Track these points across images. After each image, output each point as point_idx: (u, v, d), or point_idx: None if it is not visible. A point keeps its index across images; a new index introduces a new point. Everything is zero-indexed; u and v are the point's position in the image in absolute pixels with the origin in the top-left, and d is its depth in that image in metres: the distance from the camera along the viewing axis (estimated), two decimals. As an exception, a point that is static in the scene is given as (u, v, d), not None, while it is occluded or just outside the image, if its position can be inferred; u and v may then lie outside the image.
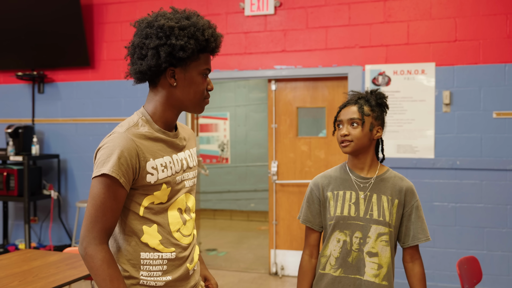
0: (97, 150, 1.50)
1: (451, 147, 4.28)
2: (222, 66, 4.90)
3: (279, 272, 4.88)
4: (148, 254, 1.51)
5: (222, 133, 7.97)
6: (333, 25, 4.58)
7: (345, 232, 1.90)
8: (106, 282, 1.41)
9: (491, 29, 4.19)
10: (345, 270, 1.90)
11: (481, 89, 4.23)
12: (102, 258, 1.42)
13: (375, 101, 1.92)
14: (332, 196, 1.94)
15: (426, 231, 1.91)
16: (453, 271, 4.23)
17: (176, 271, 1.55)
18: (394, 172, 1.98)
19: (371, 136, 1.91)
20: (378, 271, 1.87)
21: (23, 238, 5.42)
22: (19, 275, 2.54)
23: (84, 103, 5.34)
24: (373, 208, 1.88)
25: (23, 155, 5.01)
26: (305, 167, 4.84)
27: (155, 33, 1.46)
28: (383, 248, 1.87)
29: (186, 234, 1.59)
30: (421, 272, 1.93)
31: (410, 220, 1.91)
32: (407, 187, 1.93)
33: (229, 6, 4.86)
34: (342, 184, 1.94)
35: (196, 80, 1.53)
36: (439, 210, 4.31)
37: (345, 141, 1.89)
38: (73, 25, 5.11)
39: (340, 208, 1.91)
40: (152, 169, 1.49)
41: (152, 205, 1.51)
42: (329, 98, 4.78)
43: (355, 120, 1.88)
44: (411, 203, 1.92)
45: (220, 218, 8.03)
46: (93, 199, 1.43)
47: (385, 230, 1.87)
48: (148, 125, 1.53)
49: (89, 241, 1.42)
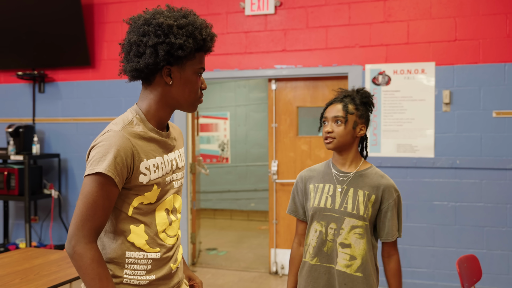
0: (91, 148, 1.48)
1: (451, 146, 4.29)
2: (223, 65, 4.91)
3: (279, 271, 4.88)
4: (134, 253, 1.50)
5: (222, 133, 7.98)
6: (333, 25, 4.59)
7: (321, 223, 2.00)
8: (95, 281, 1.39)
9: (491, 28, 4.20)
10: (320, 259, 1.99)
11: (481, 88, 4.24)
12: (91, 257, 1.39)
13: (360, 100, 2.01)
14: (313, 188, 2.05)
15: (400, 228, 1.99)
16: (453, 270, 4.24)
17: (160, 271, 1.55)
18: (377, 169, 2.05)
19: (354, 133, 2.00)
20: (351, 262, 1.94)
21: (24, 237, 5.43)
22: (21, 273, 2.55)
23: (85, 103, 5.35)
24: (348, 201, 1.96)
25: (23, 155, 5.01)
26: (305, 166, 4.85)
27: (153, 31, 1.44)
28: (356, 240, 1.94)
29: (171, 235, 1.59)
30: (395, 268, 1.99)
31: (386, 217, 1.97)
32: (386, 185, 1.98)
33: (229, 5, 4.87)
34: (323, 178, 2.04)
35: (192, 79, 1.53)
36: (439, 209, 4.32)
37: (329, 137, 1.98)
38: (74, 25, 5.12)
39: (318, 200, 2.01)
40: (145, 169, 1.48)
41: (141, 205, 1.50)
42: (329, 98, 4.77)
43: (339, 118, 1.98)
44: (388, 200, 1.97)
45: (220, 218, 8.04)
46: (85, 197, 1.41)
47: (359, 223, 1.94)
48: (142, 124, 1.52)
49: (78, 240, 1.40)
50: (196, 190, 5.45)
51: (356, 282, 1.94)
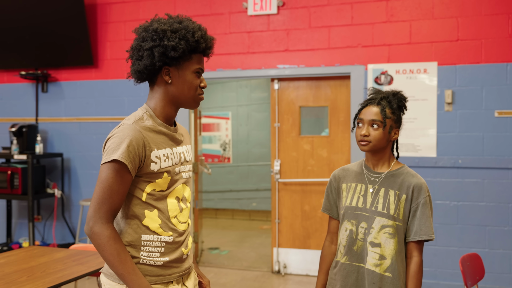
0: (107, 139, 1.64)
1: (453, 145, 4.31)
2: (225, 65, 4.93)
3: (281, 270, 4.90)
4: (149, 236, 1.65)
5: (224, 133, 8.00)
6: (336, 25, 4.60)
7: (352, 222, 1.99)
8: (114, 256, 1.55)
9: (493, 28, 4.21)
10: (350, 257, 1.99)
11: (483, 88, 4.25)
12: (108, 234, 1.55)
13: (396, 104, 1.98)
14: (346, 187, 2.06)
15: (429, 229, 1.91)
16: (455, 269, 4.26)
17: (173, 254, 1.69)
18: (409, 169, 2.04)
19: (389, 137, 1.98)
20: (380, 261, 1.93)
21: (27, 236, 5.45)
22: (27, 270, 2.56)
23: (88, 102, 5.37)
24: (378, 201, 1.96)
25: (27, 154, 5.03)
26: (308, 165, 4.87)
27: (150, 36, 1.63)
28: (386, 240, 1.93)
29: (182, 221, 1.73)
30: (414, 270, 1.92)
31: (415, 216, 1.94)
32: (416, 184, 1.97)
33: (232, 5, 4.88)
34: (356, 177, 2.05)
35: (189, 78, 1.68)
36: (441, 209, 4.33)
37: (364, 141, 1.96)
38: (77, 25, 5.14)
39: (350, 199, 2.02)
40: (156, 158, 1.64)
41: (154, 191, 1.65)
42: (332, 97, 4.81)
43: (376, 122, 1.94)
44: (418, 199, 1.95)
45: (222, 218, 8.05)
46: (101, 183, 1.57)
47: (389, 222, 1.93)
48: (151, 119, 1.69)
49: (96, 221, 1.56)
50: (199, 189, 5.47)
51: (385, 282, 1.91)
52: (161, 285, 1.66)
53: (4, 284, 2.33)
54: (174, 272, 1.69)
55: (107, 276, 1.67)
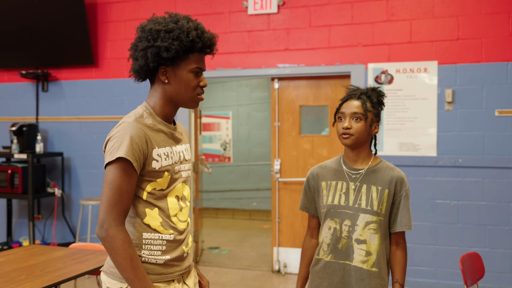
0: (108, 139, 1.62)
1: (454, 145, 4.31)
2: (226, 64, 4.92)
3: (282, 269, 4.90)
4: (150, 234, 1.64)
5: (224, 132, 8.00)
6: (336, 24, 4.60)
7: (335, 220, 2.02)
8: (127, 261, 1.53)
9: (494, 27, 4.21)
10: (335, 255, 2.01)
11: (483, 87, 4.25)
12: (123, 238, 1.54)
13: (376, 99, 2.02)
14: (325, 185, 2.08)
15: (409, 221, 2.00)
16: (455, 268, 4.25)
17: (174, 252, 1.69)
18: (387, 163, 2.07)
19: (370, 131, 2.01)
20: (366, 257, 1.97)
21: (27, 235, 5.45)
22: (27, 269, 2.56)
23: (88, 102, 5.37)
24: (361, 198, 1.99)
25: (27, 153, 5.03)
26: (308, 165, 4.86)
27: (145, 37, 1.63)
28: (371, 236, 1.97)
29: (182, 220, 1.74)
30: (402, 255, 2.01)
31: (398, 208, 2.00)
32: (398, 177, 2.01)
33: (232, 5, 4.88)
34: (335, 175, 2.07)
35: (186, 78, 1.67)
36: (441, 208, 4.33)
37: (347, 133, 1.98)
38: (77, 24, 5.14)
39: (331, 197, 2.04)
40: (157, 156, 1.64)
41: (154, 191, 1.64)
42: (332, 97, 4.80)
43: (358, 114, 1.98)
44: (400, 192, 2.00)
45: (222, 217, 8.05)
46: (109, 184, 1.54)
47: (373, 218, 1.97)
48: (151, 117, 1.68)
49: (110, 223, 1.53)
50: (199, 189, 5.47)
51: (373, 277, 1.96)
52: (163, 283, 1.66)
53: (3, 282, 2.33)
54: (175, 271, 1.70)
55: (108, 275, 1.66)
